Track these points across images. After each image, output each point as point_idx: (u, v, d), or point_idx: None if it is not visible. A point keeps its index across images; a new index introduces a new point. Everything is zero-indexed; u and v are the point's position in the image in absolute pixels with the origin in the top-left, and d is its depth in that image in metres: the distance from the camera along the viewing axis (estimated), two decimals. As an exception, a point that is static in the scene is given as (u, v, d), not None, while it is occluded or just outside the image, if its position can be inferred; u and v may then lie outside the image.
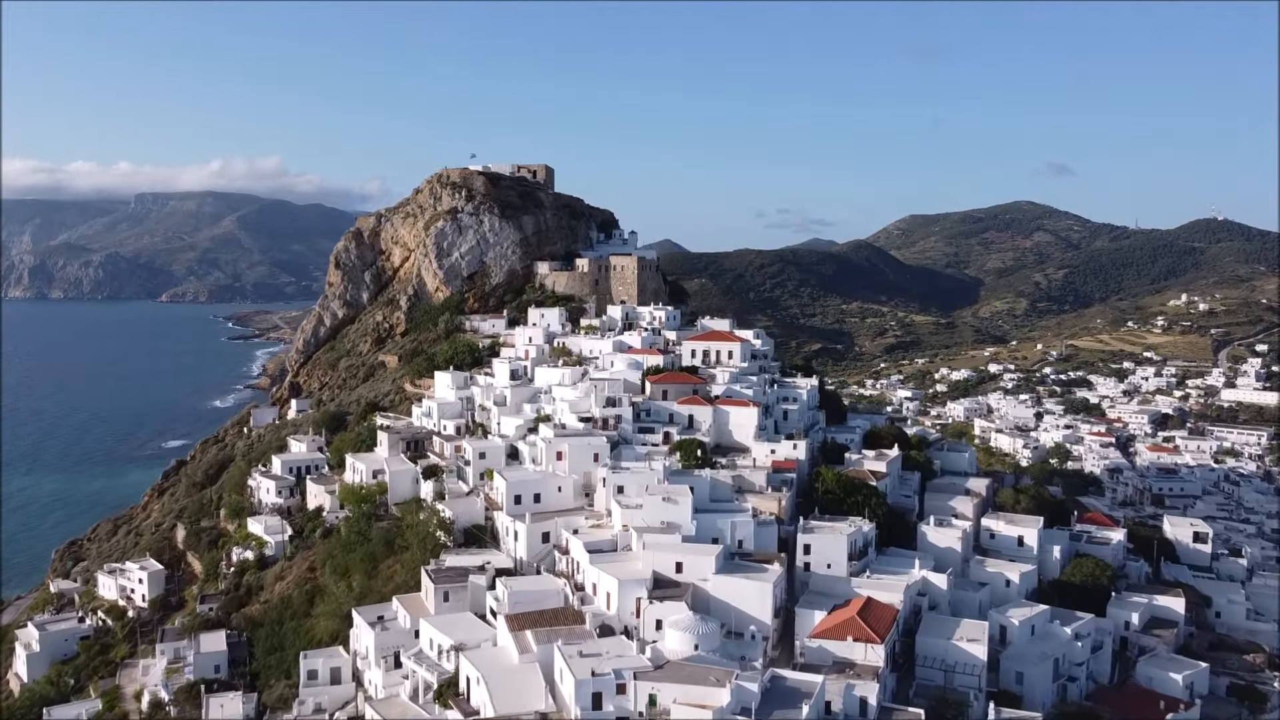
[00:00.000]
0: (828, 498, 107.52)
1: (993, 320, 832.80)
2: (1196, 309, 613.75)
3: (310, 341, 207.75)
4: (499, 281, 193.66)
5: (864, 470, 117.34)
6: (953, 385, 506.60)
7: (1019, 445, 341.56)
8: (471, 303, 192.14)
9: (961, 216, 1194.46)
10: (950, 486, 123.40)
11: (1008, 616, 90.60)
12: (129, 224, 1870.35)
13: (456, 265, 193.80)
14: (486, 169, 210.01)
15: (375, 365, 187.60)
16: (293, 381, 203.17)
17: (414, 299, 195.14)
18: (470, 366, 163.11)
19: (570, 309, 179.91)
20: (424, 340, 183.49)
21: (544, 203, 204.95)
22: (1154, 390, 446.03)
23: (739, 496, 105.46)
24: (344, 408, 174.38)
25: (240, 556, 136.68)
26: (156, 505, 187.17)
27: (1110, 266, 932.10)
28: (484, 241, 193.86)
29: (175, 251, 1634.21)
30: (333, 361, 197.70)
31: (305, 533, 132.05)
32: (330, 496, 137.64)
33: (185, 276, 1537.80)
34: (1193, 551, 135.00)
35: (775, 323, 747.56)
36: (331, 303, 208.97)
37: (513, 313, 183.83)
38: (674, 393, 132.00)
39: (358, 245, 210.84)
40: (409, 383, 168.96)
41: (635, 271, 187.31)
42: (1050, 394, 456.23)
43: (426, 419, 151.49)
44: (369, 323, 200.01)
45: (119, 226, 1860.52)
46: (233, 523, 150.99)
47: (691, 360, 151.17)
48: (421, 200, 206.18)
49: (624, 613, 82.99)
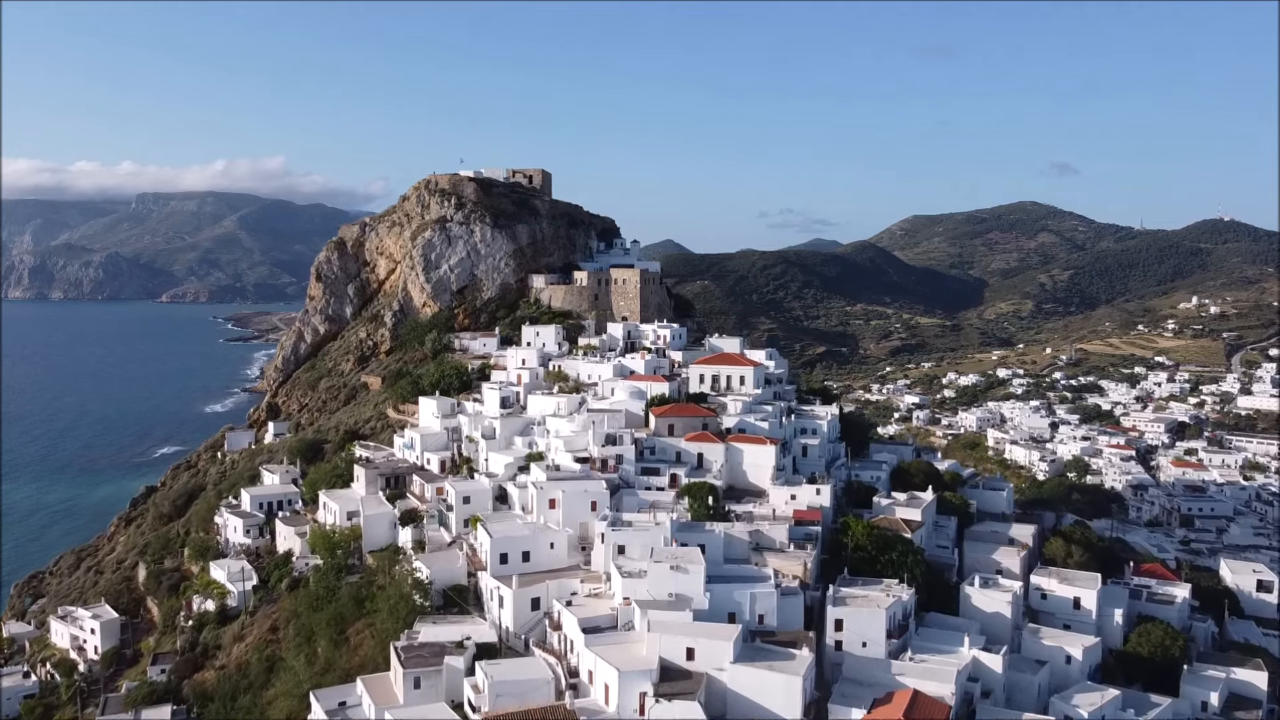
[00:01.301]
0: (858, 555, 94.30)
1: (998, 322, 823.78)
2: (1208, 312, 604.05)
3: (290, 359, 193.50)
4: (491, 296, 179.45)
5: (896, 519, 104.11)
6: (961, 391, 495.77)
7: (1035, 458, 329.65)
8: (461, 319, 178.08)
9: (965, 217, 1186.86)
10: (991, 535, 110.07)
11: (1073, 706, 77.45)
12: (130, 224, 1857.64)
13: (445, 279, 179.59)
14: (478, 174, 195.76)
15: (357, 387, 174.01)
16: (271, 402, 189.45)
17: (399, 315, 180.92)
18: (458, 391, 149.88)
19: (568, 326, 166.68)
20: (409, 360, 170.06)
21: (540, 211, 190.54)
22: (1167, 396, 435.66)
23: (757, 555, 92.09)
24: (322, 434, 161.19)
25: (201, 607, 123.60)
26: (123, 536, 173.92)
27: (1116, 268, 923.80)
28: (475, 253, 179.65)
29: (176, 252, 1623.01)
30: (313, 381, 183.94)
31: (271, 582, 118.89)
32: (301, 540, 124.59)
33: (186, 277, 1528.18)
34: (1257, 601, 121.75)
35: (779, 325, 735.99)
36: (312, 318, 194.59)
37: (505, 330, 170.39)
38: (681, 427, 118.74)
39: (340, 256, 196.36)
40: (392, 408, 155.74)
41: (637, 285, 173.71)
42: (1061, 400, 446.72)
43: (409, 451, 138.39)
44: (352, 340, 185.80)
45: (120, 226, 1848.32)
46: (197, 563, 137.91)
47: (700, 386, 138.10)
48: (408, 208, 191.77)
49: (625, 709, 69.84)
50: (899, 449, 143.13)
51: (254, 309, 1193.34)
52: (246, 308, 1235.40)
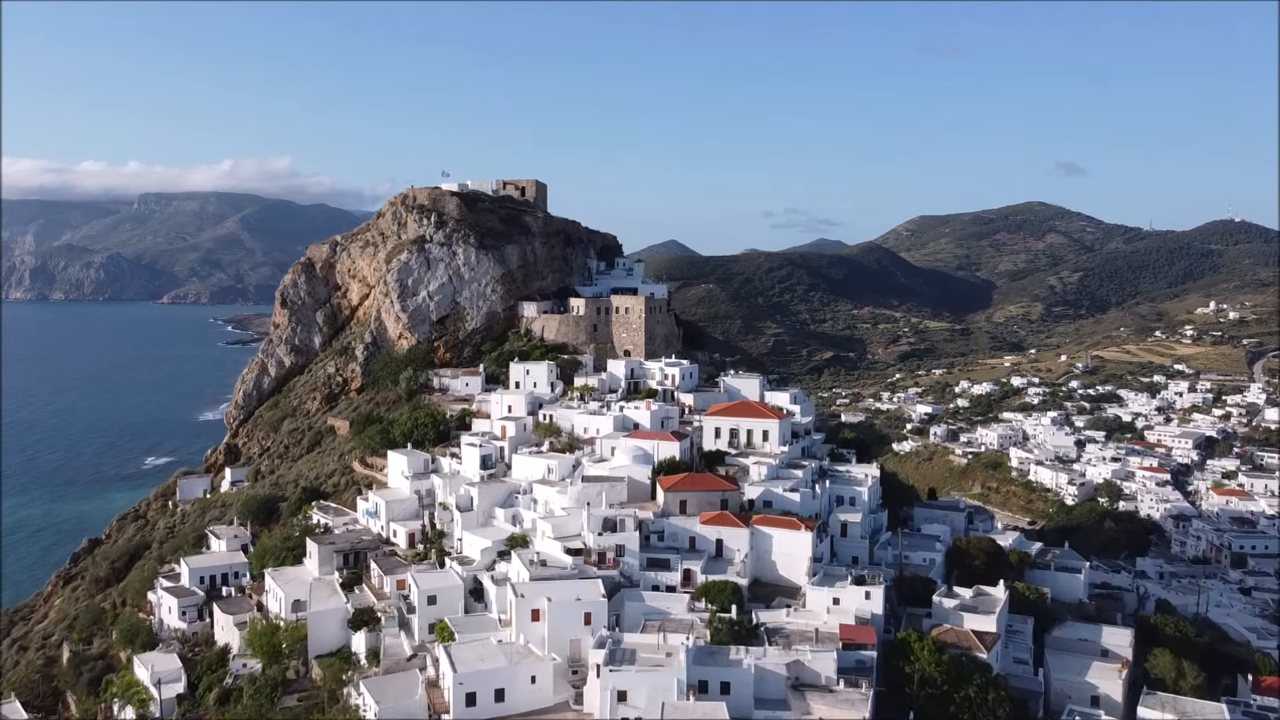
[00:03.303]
0: (926, 693, 73.75)
1: (1008, 325, 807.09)
2: (1226, 318, 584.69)
3: (252, 394, 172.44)
4: (475, 326, 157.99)
5: (965, 632, 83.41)
6: (974, 400, 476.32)
7: (1062, 480, 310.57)
8: (442, 352, 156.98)
9: (972, 217, 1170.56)
10: (1080, 645, 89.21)
11: None
12: (132, 224, 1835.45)
13: (423, 307, 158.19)
14: (463, 187, 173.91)
15: (323, 430, 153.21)
16: (230, 443, 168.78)
17: (372, 348, 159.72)
18: (434, 442, 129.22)
19: (562, 363, 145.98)
20: (381, 401, 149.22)
21: (532, 228, 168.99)
22: (1189, 408, 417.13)
23: (797, 698, 71.58)
24: (280, 488, 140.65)
25: (120, 715, 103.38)
26: (59, 599, 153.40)
27: (1126, 270, 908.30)
28: (457, 278, 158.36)
29: (177, 252, 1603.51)
30: (275, 421, 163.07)
31: (200, 691, 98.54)
32: (240, 632, 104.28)
33: (187, 278, 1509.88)
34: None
35: (785, 329, 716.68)
36: (277, 348, 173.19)
37: (491, 366, 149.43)
38: (695, 503, 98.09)
39: (308, 279, 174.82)
40: (358, 460, 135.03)
41: (642, 315, 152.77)
42: (1079, 410, 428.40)
43: (373, 519, 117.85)
44: (320, 375, 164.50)
45: (122, 227, 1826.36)
46: (125, 649, 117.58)
47: (715, 442, 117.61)
48: (383, 226, 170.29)
49: None
50: (949, 515, 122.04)
51: (255, 310, 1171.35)
52: (248, 309, 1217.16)
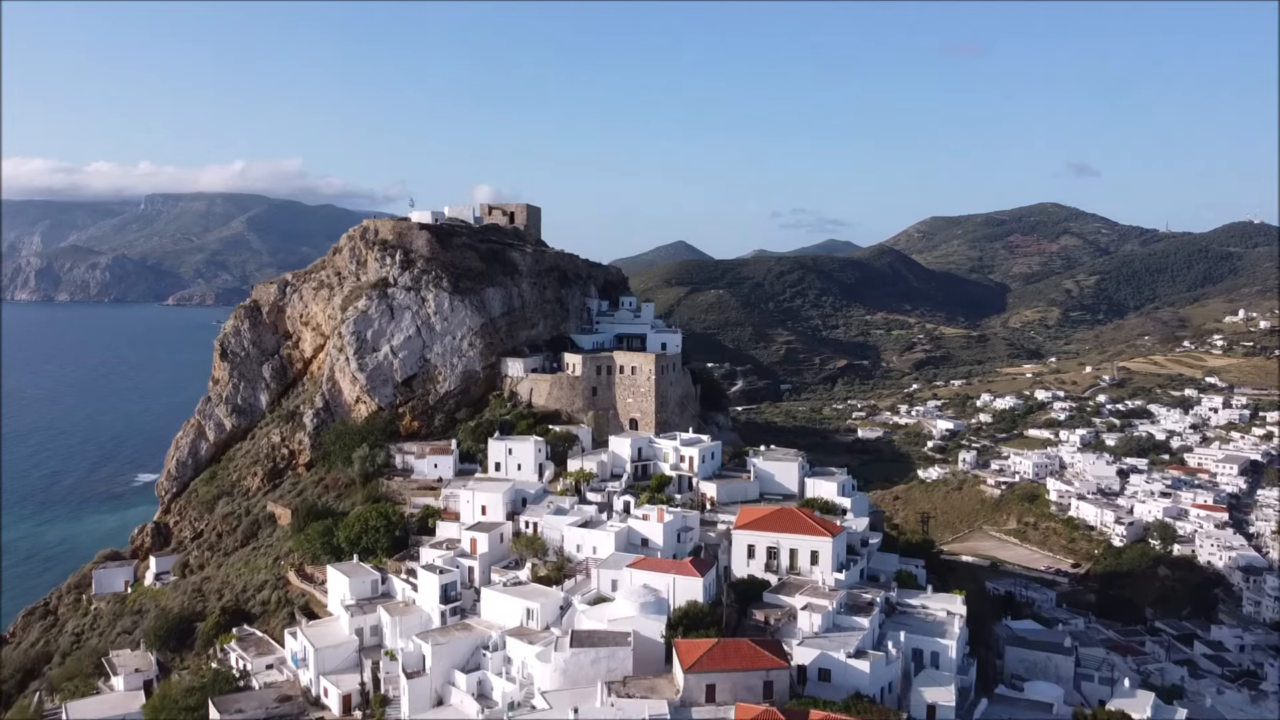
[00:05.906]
0: None
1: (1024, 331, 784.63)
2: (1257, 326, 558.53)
3: (186, 463, 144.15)
4: (449, 389, 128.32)
5: None
6: (997, 415, 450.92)
7: (1108, 518, 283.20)
8: (407, 421, 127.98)
9: (984, 219, 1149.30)
10: None
11: None
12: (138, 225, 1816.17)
13: (385, 366, 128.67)
14: (438, 217, 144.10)
15: (261, 518, 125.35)
16: (160, 522, 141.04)
17: (324, 414, 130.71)
18: (390, 552, 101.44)
19: (553, 437, 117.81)
20: (332, 484, 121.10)
21: (519, 266, 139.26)
22: (1225, 425, 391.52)
23: None
24: (203, 596, 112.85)
25: None
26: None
27: (1144, 273, 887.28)
28: (426, 329, 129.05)
29: (183, 253, 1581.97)
30: (210, 500, 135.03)
31: None
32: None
33: (193, 279, 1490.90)
34: None
35: (797, 336, 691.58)
36: (216, 409, 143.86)
37: (467, 441, 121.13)
38: (729, 689, 70.13)
39: (253, 327, 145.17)
40: (293, 570, 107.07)
41: (652, 376, 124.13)
42: (1109, 428, 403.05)
43: (301, 669, 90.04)
44: (263, 445, 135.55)
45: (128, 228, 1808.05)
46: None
47: (748, 566, 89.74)
48: (339, 264, 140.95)
49: None
50: (1052, 661, 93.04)
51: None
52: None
